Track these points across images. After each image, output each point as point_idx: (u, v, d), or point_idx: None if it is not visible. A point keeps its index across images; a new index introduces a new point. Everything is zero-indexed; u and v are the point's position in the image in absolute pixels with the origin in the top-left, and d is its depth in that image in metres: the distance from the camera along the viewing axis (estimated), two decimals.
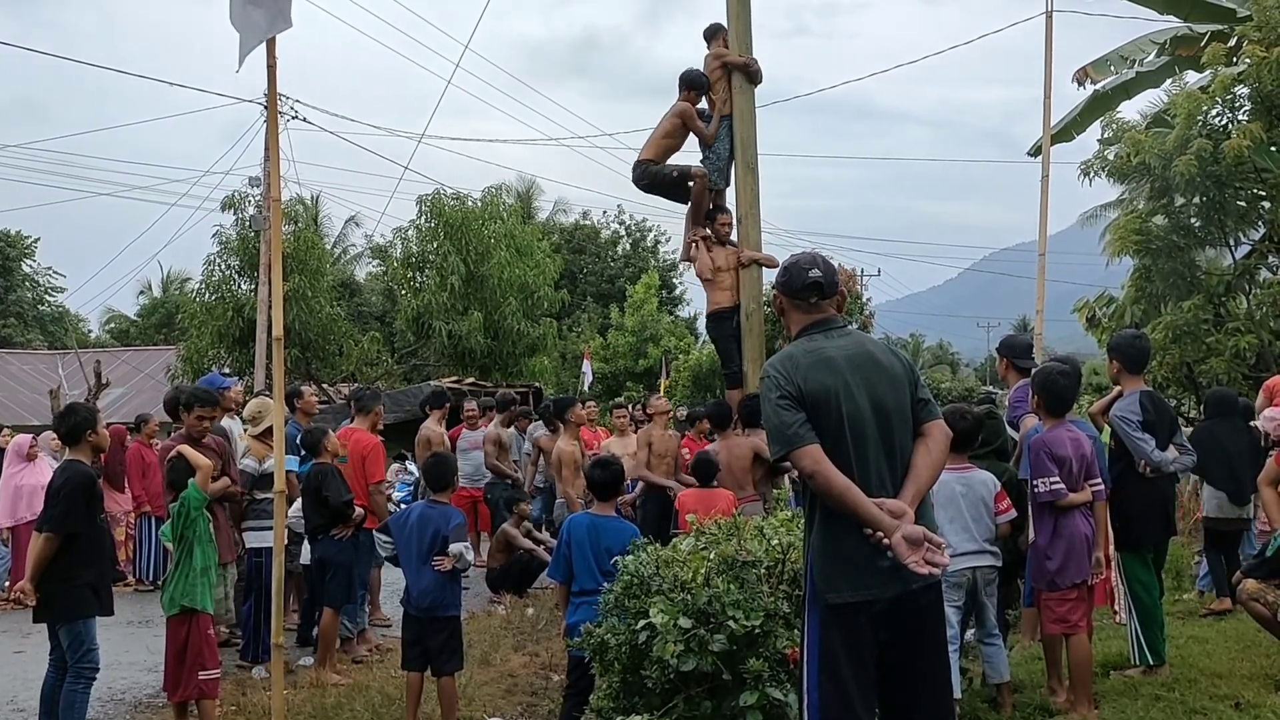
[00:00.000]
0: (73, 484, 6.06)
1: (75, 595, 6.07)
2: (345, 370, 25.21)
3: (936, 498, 5.75)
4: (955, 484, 5.83)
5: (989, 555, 5.91)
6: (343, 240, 40.82)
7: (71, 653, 6.08)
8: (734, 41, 8.84)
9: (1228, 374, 12.11)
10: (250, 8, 5.32)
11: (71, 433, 6.31)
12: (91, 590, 6.13)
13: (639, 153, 9.04)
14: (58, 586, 6.02)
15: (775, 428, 3.68)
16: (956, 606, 5.77)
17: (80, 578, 6.07)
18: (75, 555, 6.03)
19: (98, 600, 6.18)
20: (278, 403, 6.06)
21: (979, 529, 5.87)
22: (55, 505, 6.03)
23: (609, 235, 45.31)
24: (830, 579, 3.63)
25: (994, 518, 5.91)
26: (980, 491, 5.89)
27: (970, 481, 5.89)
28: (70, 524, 6.00)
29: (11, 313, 40.78)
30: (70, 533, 5.99)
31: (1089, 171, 13.46)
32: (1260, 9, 12.59)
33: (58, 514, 6.00)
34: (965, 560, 5.76)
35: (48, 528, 6.01)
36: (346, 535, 7.97)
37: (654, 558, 5.15)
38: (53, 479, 6.27)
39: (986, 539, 5.90)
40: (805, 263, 3.89)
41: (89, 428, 6.31)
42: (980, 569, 5.88)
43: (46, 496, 6.20)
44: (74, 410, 6.52)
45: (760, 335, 8.77)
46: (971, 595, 5.90)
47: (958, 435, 5.95)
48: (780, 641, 4.60)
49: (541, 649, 8.24)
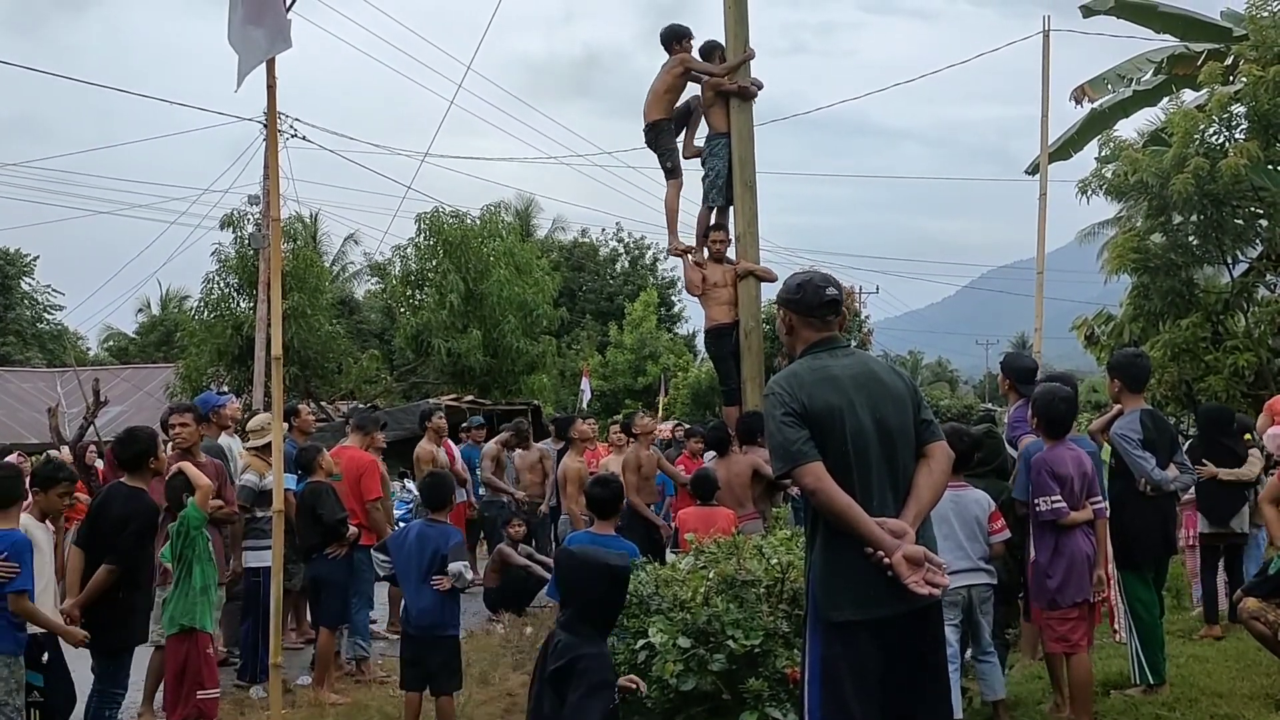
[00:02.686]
0: (142, 516, 6.07)
1: (129, 624, 6.10)
2: (344, 388, 25.18)
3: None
4: (947, 502, 5.80)
5: (983, 573, 5.88)
6: (342, 258, 40.85)
7: (108, 679, 6.06)
8: (731, 59, 8.88)
9: (1226, 391, 12.12)
10: (250, 28, 5.34)
11: (135, 460, 6.27)
12: (139, 618, 6.19)
13: (645, 115, 9.06)
14: (109, 616, 5.97)
15: (779, 444, 3.68)
16: (954, 625, 5.75)
17: (135, 607, 6.10)
18: (130, 584, 6.04)
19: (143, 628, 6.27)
20: (276, 422, 6.05)
21: (973, 547, 5.83)
22: (122, 537, 5.98)
23: (608, 253, 45.40)
24: (832, 597, 3.62)
25: (988, 536, 5.89)
26: (974, 510, 5.85)
27: (963, 500, 5.84)
28: (133, 557, 6.01)
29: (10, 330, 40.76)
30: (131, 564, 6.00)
31: (1087, 189, 13.50)
32: (1256, 28, 12.66)
33: (126, 548, 5.97)
34: (959, 579, 5.72)
35: (112, 559, 5.95)
36: (340, 554, 7.94)
37: (653, 577, 5.14)
38: (111, 503, 6.19)
39: (981, 557, 5.87)
40: (820, 281, 3.92)
41: (151, 454, 6.29)
42: (974, 587, 5.85)
43: (106, 521, 6.11)
44: (135, 438, 6.40)
45: (759, 354, 8.77)
46: (967, 613, 5.88)
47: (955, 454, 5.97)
48: (780, 661, 4.59)
49: None
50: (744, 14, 8.89)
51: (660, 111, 9.00)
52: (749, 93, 8.84)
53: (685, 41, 9.00)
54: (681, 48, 8.96)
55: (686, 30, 9.07)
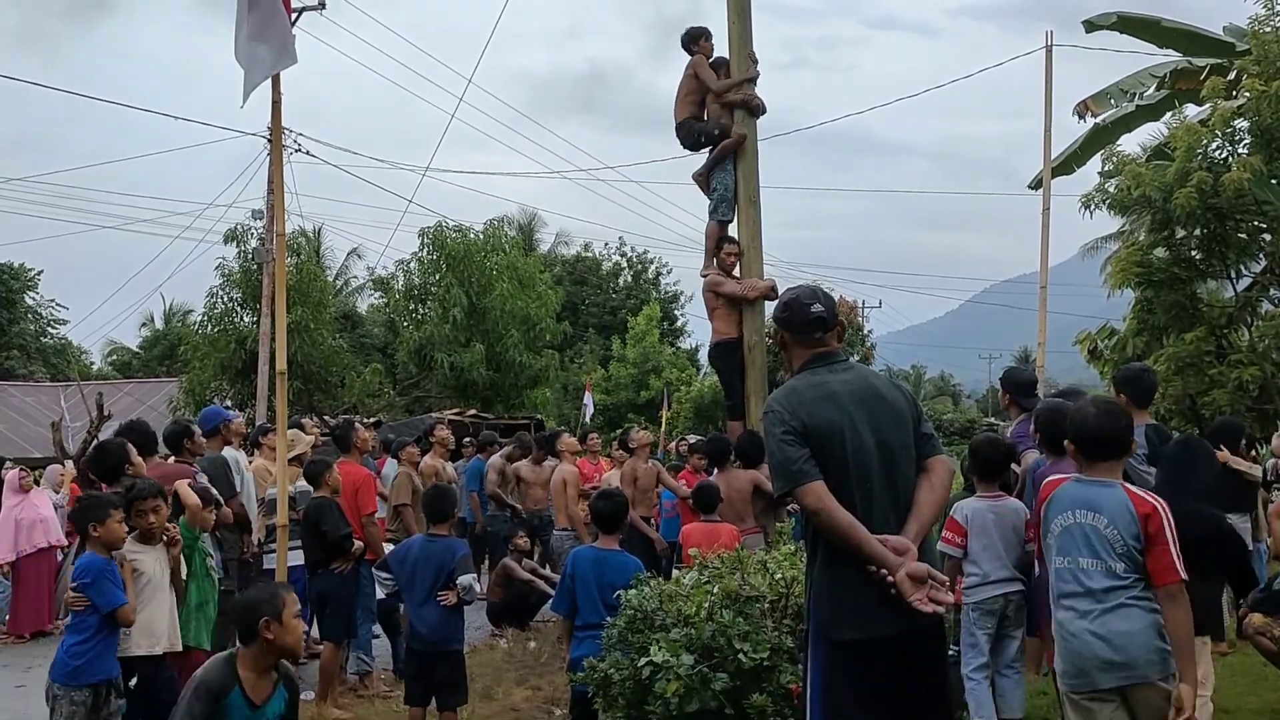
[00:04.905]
0: None
1: None
2: (347, 402, 25.17)
3: (970, 526, 5.77)
4: (987, 512, 5.85)
5: (1019, 582, 5.91)
6: (345, 272, 40.88)
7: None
8: (735, 75, 8.92)
9: (1231, 406, 12.10)
10: (256, 44, 5.36)
11: (111, 472, 6.33)
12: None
13: (675, 116, 9.12)
14: None
15: (779, 464, 3.66)
16: (988, 633, 5.78)
17: None
18: None
19: None
20: (280, 438, 6.06)
21: (1011, 556, 5.88)
22: None
23: (610, 267, 45.41)
24: (834, 616, 3.61)
25: (1025, 545, 5.90)
26: (1012, 519, 5.91)
27: (1002, 510, 5.92)
28: None
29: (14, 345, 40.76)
30: None
31: (1090, 204, 13.50)
32: (1259, 43, 12.69)
33: None
34: (998, 587, 5.81)
35: None
36: (346, 569, 7.93)
37: (657, 592, 5.13)
38: None
39: (1017, 566, 5.90)
40: (806, 298, 3.88)
41: (125, 461, 6.33)
42: (1010, 595, 5.87)
43: None
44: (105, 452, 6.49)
45: (762, 368, 8.77)
46: (1000, 622, 5.88)
47: (988, 464, 5.97)
48: (784, 676, 4.58)
49: (544, 683, 8.18)
50: (747, 29, 8.94)
51: (685, 111, 9.08)
52: (752, 104, 8.85)
53: (703, 42, 9.08)
54: (699, 49, 9.04)
55: (702, 31, 9.12)
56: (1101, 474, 4.01)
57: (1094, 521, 3.89)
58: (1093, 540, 3.88)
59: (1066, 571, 3.94)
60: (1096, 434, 4.03)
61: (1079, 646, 3.86)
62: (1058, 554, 3.98)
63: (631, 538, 9.78)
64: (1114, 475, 4.02)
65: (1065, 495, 4.04)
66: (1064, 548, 3.96)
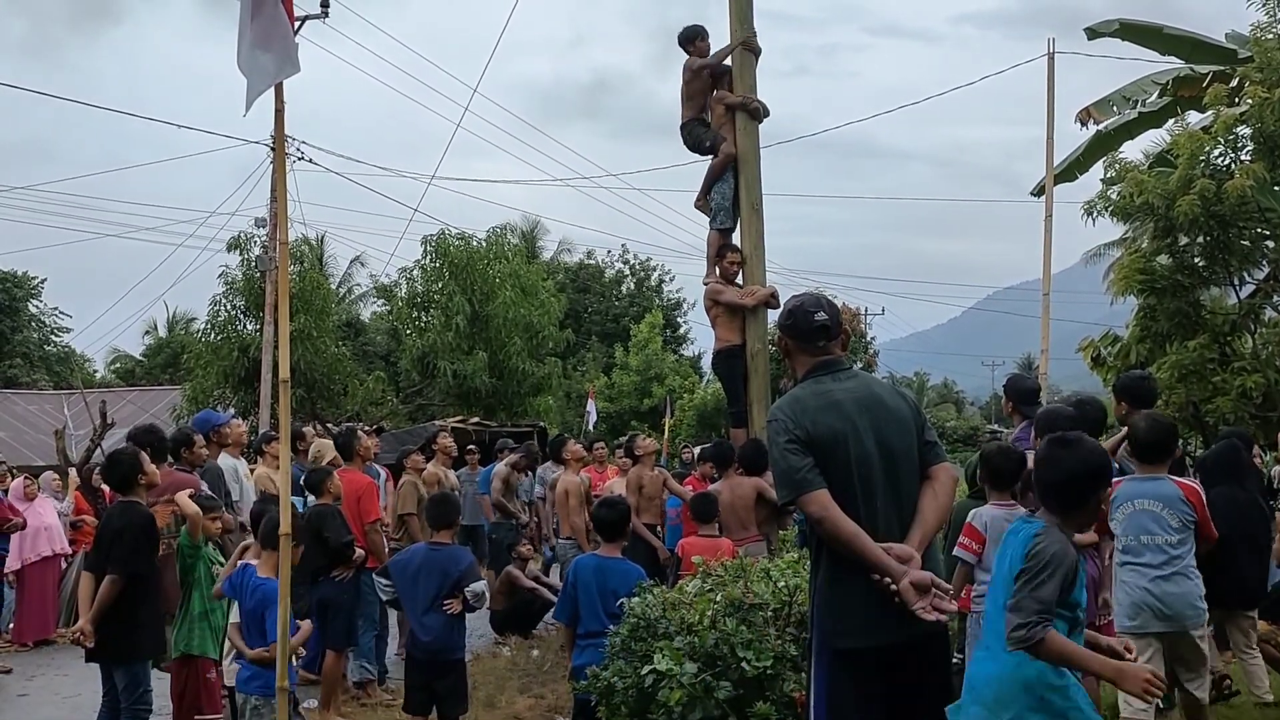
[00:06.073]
0: (136, 526, 6.07)
1: (135, 636, 6.08)
2: (350, 410, 25.17)
3: (989, 533, 5.77)
4: (1004, 520, 5.83)
5: None
6: (348, 280, 40.89)
7: (128, 694, 6.06)
8: (738, 81, 8.92)
9: (1234, 413, 12.08)
10: (259, 53, 5.36)
11: (124, 482, 6.31)
12: (148, 631, 6.14)
13: (680, 117, 9.20)
14: (117, 628, 5.99)
15: (783, 472, 3.66)
16: None
17: (140, 619, 6.07)
18: (135, 596, 6.03)
19: (154, 640, 6.21)
20: (283, 446, 6.04)
21: None
22: (119, 547, 6.01)
23: (613, 275, 45.45)
24: (837, 625, 3.60)
25: None
26: None
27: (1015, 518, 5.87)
28: (134, 565, 6.00)
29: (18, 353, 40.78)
30: (132, 574, 5.99)
31: (1092, 211, 13.47)
32: (1261, 50, 12.69)
33: (123, 556, 5.99)
34: None
35: (114, 570, 5.97)
36: (347, 577, 7.93)
37: (660, 600, 5.12)
38: (110, 520, 6.25)
39: None
40: (810, 305, 3.88)
41: (138, 470, 6.31)
42: None
43: (106, 537, 6.17)
44: (117, 461, 6.46)
45: (765, 375, 8.76)
46: None
47: (1003, 473, 5.95)
48: (788, 685, 4.57)
49: (547, 691, 8.17)
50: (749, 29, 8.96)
51: (689, 111, 9.13)
52: (751, 107, 8.84)
53: (699, 42, 9.09)
54: (695, 49, 9.05)
55: (698, 31, 9.15)
56: (1153, 471, 5.36)
57: (1152, 507, 5.27)
58: (1152, 522, 5.26)
59: (1134, 545, 5.28)
60: (1147, 442, 5.39)
61: (1140, 598, 5.21)
62: (1123, 533, 5.32)
63: (634, 545, 9.77)
64: (1162, 471, 5.38)
65: (1125, 491, 5.35)
66: (1129, 529, 5.30)
